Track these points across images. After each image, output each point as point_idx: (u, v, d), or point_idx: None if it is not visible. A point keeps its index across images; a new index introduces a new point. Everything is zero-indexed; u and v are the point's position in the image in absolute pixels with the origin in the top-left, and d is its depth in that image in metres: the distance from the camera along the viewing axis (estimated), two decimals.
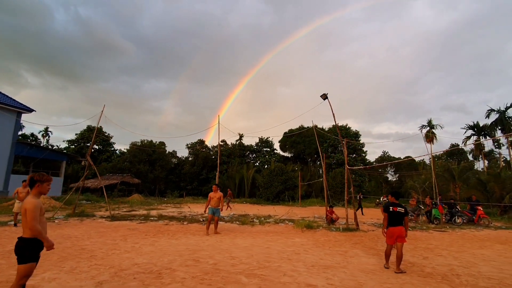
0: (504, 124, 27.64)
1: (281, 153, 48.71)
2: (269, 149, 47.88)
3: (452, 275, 5.55)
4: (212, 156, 44.17)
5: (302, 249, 7.55)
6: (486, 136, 29.15)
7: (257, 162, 46.71)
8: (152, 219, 12.89)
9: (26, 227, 3.22)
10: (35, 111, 22.43)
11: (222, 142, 46.06)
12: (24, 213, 3.24)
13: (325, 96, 12.57)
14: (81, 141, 44.15)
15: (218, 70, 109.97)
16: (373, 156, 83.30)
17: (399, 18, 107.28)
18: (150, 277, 4.82)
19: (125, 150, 46.09)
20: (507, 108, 27.82)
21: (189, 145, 47.48)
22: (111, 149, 47.43)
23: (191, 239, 8.58)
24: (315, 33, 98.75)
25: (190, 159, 45.69)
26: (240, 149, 46.32)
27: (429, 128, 32.99)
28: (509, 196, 18.43)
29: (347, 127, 42.24)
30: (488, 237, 10.88)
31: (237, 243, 8.11)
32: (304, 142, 43.25)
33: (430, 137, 30.93)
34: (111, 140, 47.21)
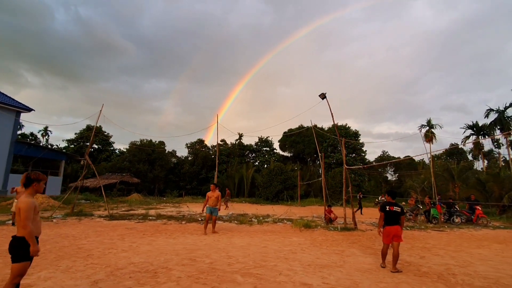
0: (503, 123, 27.64)
1: (281, 153, 48.78)
2: (268, 149, 47.90)
3: (448, 274, 5.55)
4: (212, 156, 44.15)
5: (299, 248, 7.55)
6: (485, 136, 29.16)
7: (256, 161, 46.74)
8: (151, 218, 12.89)
9: (20, 226, 3.23)
10: (34, 110, 22.44)
11: (222, 141, 46.10)
12: (18, 212, 3.25)
13: (323, 96, 12.57)
14: (80, 140, 44.15)
15: (218, 70, 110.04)
16: (373, 156, 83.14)
17: (399, 18, 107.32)
18: (146, 276, 4.82)
19: (124, 150, 46.14)
20: (506, 108, 27.83)
21: (189, 145, 47.53)
22: (111, 148, 47.41)
23: (188, 238, 8.58)
24: (315, 33, 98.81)
25: (190, 158, 45.68)
26: (239, 148, 46.33)
27: (428, 127, 32.98)
28: (508, 196, 18.45)
29: (346, 126, 42.26)
30: (486, 236, 10.89)
31: (234, 242, 8.11)
32: (303, 142, 43.26)
33: (429, 136, 30.91)
34: (111, 140, 47.24)
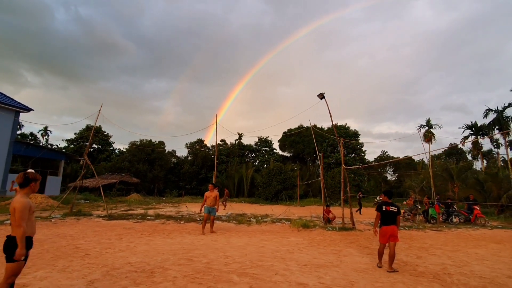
0: (501, 123, 27.66)
1: (280, 153, 48.80)
2: (268, 149, 47.93)
3: (444, 274, 5.56)
4: (211, 156, 44.18)
5: (296, 248, 7.56)
6: (483, 136, 29.18)
7: (256, 161, 46.77)
8: (149, 218, 12.90)
9: (14, 225, 3.24)
10: (33, 110, 22.43)
11: (222, 141, 46.13)
12: (13, 211, 3.25)
13: (321, 96, 12.58)
14: (80, 140, 44.15)
15: (219, 70, 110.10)
16: (372, 156, 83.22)
17: (399, 18, 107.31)
18: (142, 276, 4.83)
19: (124, 150, 46.14)
20: (504, 108, 27.83)
21: (188, 145, 47.55)
22: (110, 148, 47.43)
23: (186, 238, 8.59)
24: (315, 33, 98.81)
25: (189, 158, 45.71)
26: (239, 148, 46.36)
27: (427, 127, 32.99)
28: (506, 196, 18.48)
29: (346, 126, 42.27)
30: (483, 236, 10.91)
31: (232, 242, 8.12)
32: (303, 142, 43.25)
33: (428, 136, 30.91)
34: (110, 140, 47.26)
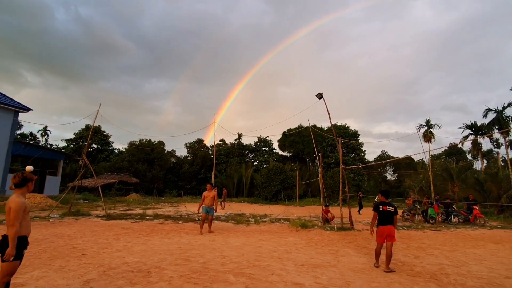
0: (501, 123, 27.61)
1: (280, 153, 48.79)
2: (268, 149, 47.92)
3: (441, 274, 5.55)
4: (211, 156, 44.17)
5: (294, 248, 7.55)
6: (483, 135, 29.15)
7: (255, 161, 46.76)
8: (148, 218, 12.89)
9: (8, 225, 3.23)
10: (32, 110, 22.42)
11: (221, 141, 46.11)
12: (8, 211, 3.24)
13: (320, 96, 12.57)
14: (79, 140, 44.15)
15: (219, 69, 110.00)
16: (372, 155, 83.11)
17: (399, 18, 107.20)
18: (138, 276, 4.83)
19: (123, 150, 46.14)
20: (504, 108, 27.79)
21: (188, 145, 47.54)
22: (110, 148, 47.43)
23: (184, 238, 8.59)
24: (315, 33, 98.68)
25: (189, 158, 45.71)
26: (239, 148, 46.35)
27: (427, 127, 32.95)
28: (506, 196, 18.46)
29: (345, 126, 42.26)
30: (482, 236, 10.89)
31: (229, 242, 8.12)
32: (303, 142, 43.24)
33: (428, 136, 30.86)
34: (110, 139, 47.27)
